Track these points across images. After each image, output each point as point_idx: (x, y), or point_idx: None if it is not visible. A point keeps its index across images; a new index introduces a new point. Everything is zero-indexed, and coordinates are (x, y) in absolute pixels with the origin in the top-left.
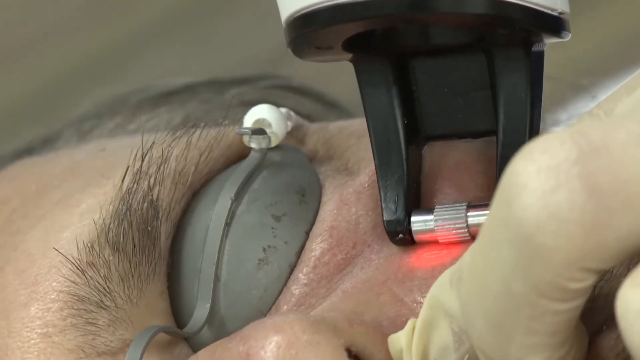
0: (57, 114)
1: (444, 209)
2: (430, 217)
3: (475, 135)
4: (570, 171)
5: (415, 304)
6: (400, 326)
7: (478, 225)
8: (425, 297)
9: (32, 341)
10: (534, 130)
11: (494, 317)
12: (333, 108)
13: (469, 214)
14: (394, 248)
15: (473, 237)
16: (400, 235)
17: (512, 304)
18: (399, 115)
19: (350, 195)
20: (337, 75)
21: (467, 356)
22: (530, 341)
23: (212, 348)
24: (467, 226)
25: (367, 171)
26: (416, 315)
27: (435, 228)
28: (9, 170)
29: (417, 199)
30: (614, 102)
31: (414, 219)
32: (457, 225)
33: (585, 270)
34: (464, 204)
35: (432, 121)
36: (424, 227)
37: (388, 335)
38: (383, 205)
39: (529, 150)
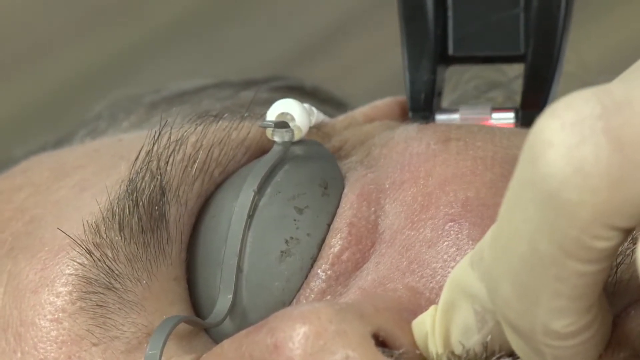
0: (69, 119)
1: (469, 108)
2: (456, 115)
3: (500, 60)
4: (594, 126)
5: (433, 295)
6: None
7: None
8: (441, 285)
9: (44, 329)
10: (561, 52)
11: (520, 280)
12: (344, 110)
13: (493, 114)
14: (406, 241)
15: None
16: None
17: (539, 264)
18: (432, 25)
19: (371, 192)
20: (347, 79)
21: (489, 336)
22: (556, 305)
23: (238, 339)
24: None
25: (387, 167)
26: (433, 304)
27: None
28: (21, 165)
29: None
30: (635, 74)
31: (439, 117)
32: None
33: (610, 227)
34: (488, 104)
35: (461, 41)
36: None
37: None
38: (410, 102)
39: (552, 109)
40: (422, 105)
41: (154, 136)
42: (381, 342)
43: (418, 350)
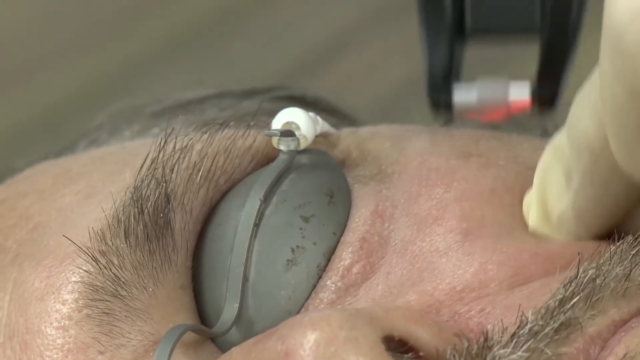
0: (70, 133)
1: (486, 83)
2: (473, 95)
3: (516, 31)
4: None
5: (443, 297)
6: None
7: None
8: (452, 287)
9: (50, 337)
10: (578, 25)
11: (614, 125)
12: (348, 122)
13: (511, 90)
14: (417, 251)
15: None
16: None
17: (622, 112)
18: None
19: (386, 209)
20: (347, 93)
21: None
22: None
23: (247, 347)
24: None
25: (403, 183)
26: (446, 307)
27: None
28: (25, 172)
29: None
30: None
31: (457, 97)
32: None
33: None
34: (505, 78)
35: (479, 15)
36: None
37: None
38: (428, 84)
39: None
40: (440, 87)
41: (160, 143)
42: (398, 341)
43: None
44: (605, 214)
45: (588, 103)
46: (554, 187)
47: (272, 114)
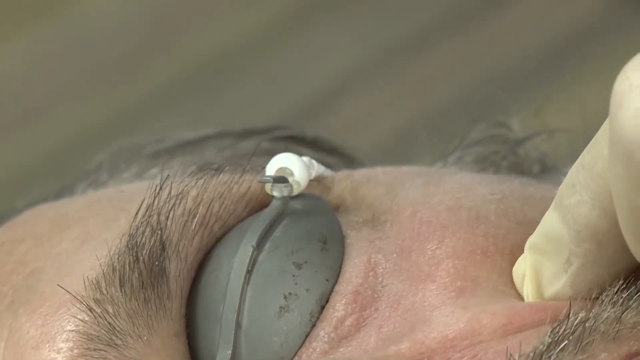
0: (71, 177)
1: None
2: None
3: None
4: None
5: (434, 345)
6: None
7: None
8: (444, 335)
9: None
10: None
11: (631, 230)
12: (349, 162)
13: None
14: (410, 306)
15: None
16: None
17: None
18: None
19: (379, 262)
20: (348, 137)
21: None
22: None
23: None
24: None
25: (396, 235)
26: (438, 355)
27: None
28: (23, 215)
29: None
30: None
31: None
32: None
33: None
34: None
35: None
36: None
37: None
38: None
39: (625, 68)
40: None
41: (155, 190)
42: None
43: None
44: (604, 286)
45: (584, 190)
46: (546, 272)
47: (272, 154)
